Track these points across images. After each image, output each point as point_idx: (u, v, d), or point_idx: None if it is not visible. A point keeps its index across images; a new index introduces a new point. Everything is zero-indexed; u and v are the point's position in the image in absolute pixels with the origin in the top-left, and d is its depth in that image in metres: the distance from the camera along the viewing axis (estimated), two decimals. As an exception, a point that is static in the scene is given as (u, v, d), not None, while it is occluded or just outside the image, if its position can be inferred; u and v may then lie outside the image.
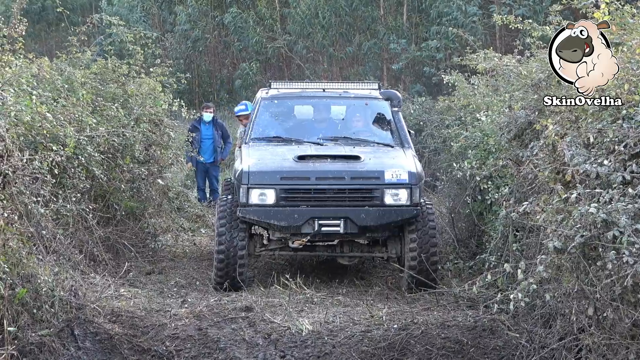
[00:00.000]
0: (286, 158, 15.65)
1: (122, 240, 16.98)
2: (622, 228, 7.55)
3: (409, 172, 15.25)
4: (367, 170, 15.31)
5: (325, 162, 15.55)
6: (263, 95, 17.86)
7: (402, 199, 15.19)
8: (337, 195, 15.15)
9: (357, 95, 18.10)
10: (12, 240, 11.68)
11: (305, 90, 18.61)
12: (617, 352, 8.06)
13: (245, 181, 15.00)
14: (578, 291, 8.39)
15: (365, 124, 17.85)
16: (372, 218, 15.08)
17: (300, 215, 14.96)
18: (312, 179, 15.07)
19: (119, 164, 17.03)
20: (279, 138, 17.06)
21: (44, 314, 12.46)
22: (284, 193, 15.03)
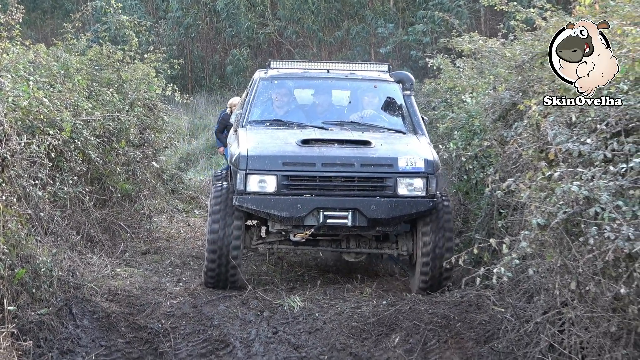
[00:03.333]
0: (289, 142, 13.70)
1: (118, 222, 17.00)
2: (604, 205, 7.57)
3: (425, 159, 13.38)
4: (379, 157, 13.36)
5: (332, 147, 13.59)
6: (261, 76, 15.90)
7: (417, 189, 13.31)
8: (345, 184, 13.22)
9: (364, 78, 16.11)
10: (11, 222, 11.69)
11: (308, 71, 16.50)
12: (599, 325, 8.09)
13: (244, 166, 13.10)
14: (561, 266, 8.42)
15: (374, 108, 15.68)
16: (384, 210, 13.15)
17: (303, 205, 13.06)
18: (318, 165, 13.12)
19: (114, 147, 17.06)
20: (279, 121, 14.97)
21: (43, 294, 12.49)
22: (286, 180, 13.10)
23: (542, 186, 8.46)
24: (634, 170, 7.73)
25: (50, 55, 17.39)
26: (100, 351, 12.07)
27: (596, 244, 7.56)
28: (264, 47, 37.66)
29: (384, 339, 12.55)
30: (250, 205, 13.10)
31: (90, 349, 12.29)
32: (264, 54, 37.81)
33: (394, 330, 12.70)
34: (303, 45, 36.59)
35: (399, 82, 15.70)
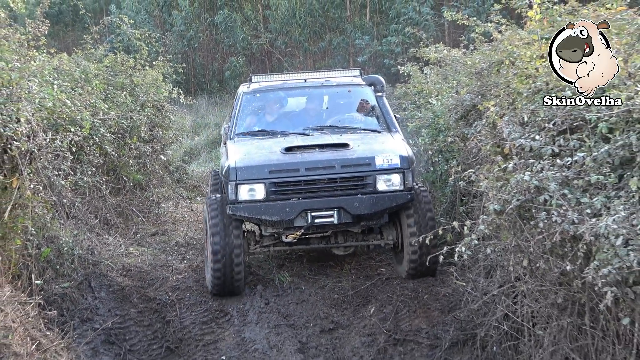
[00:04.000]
0: (273, 151, 13.04)
1: (130, 207, 16.98)
2: (552, 193, 7.58)
3: (400, 156, 12.79)
4: (358, 157, 12.73)
5: (314, 152, 12.95)
6: (244, 90, 15.28)
7: (395, 184, 12.73)
8: (329, 185, 12.59)
9: (339, 83, 15.41)
10: (38, 207, 11.70)
11: (287, 82, 15.68)
12: (547, 297, 8.11)
13: (233, 177, 12.57)
14: (514, 246, 8.43)
15: (350, 111, 15.04)
16: (366, 206, 12.60)
17: (292, 208, 12.49)
18: (302, 170, 12.50)
19: (127, 142, 17.09)
20: (264, 131, 14.32)
21: (66, 269, 12.51)
22: (273, 187, 12.51)
23: (498, 177, 8.47)
24: (578, 163, 7.74)
25: (72, 63, 17.39)
26: (115, 319, 12.07)
27: (545, 227, 7.57)
28: (257, 56, 37.62)
29: (361, 309, 12.58)
30: (243, 213, 12.52)
31: (106, 318, 12.29)
32: (257, 62, 37.78)
33: (370, 301, 12.75)
34: (291, 54, 36.56)
35: (370, 85, 15.19)
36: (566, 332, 7.93)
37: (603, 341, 7.43)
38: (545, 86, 9.13)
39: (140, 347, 11.98)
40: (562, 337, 7.97)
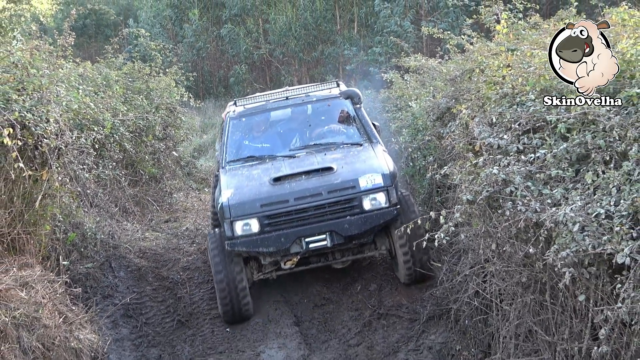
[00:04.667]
0: (263, 182, 12.18)
1: (146, 197, 16.97)
2: (517, 185, 7.57)
3: (383, 174, 11.93)
4: (342, 181, 11.86)
5: (301, 180, 12.05)
6: (230, 115, 14.17)
7: (381, 202, 11.85)
8: (318, 211, 11.76)
9: (319, 98, 14.30)
10: (65, 197, 11.72)
11: (269, 102, 14.44)
12: (513, 276, 8.11)
13: (228, 215, 11.73)
14: (484, 232, 8.43)
15: (332, 123, 13.95)
16: (356, 226, 11.76)
17: (286, 237, 11.68)
18: (291, 201, 11.74)
19: (143, 140, 17.10)
20: (253, 157, 13.24)
21: (89, 252, 12.52)
22: (266, 219, 11.70)
23: (470, 171, 8.46)
24: (540, 159, 7.74)
25: (95, 70, 17.42)
26: (133, 296, 12.10)
27: (511, 215, 7.57)
28: (258, 64, 37.55)
29: (349, 287, 12.62)
30: (240, 248, 11.70)
31: (125, 294, 12.32)
32: (258, 70, 37.72)
33: (357, 280, 12.76)
34: (288, 63, 36.50)
35: (347, 98, 14.05)
36: (529, 307, 7.93)
37: (562, 316, 7.43)
38: (511, 91, 9.12)
39: (154, 320, 12.00)
40: (526, 312, 7.97)
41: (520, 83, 9.08)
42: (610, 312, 6.37)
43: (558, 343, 7.37)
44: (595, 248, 6.53)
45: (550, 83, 8.69)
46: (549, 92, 8.65)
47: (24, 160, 9.65)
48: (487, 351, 9.57)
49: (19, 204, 10.29)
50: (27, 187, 10.32)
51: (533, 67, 9.22)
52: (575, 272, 6.71)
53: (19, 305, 8.98)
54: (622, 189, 6.78)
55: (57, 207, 11.40)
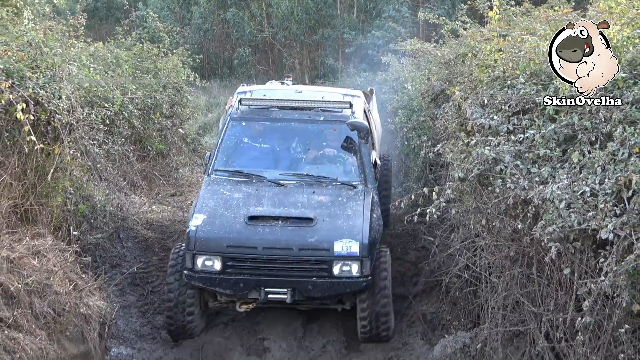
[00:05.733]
0: (237, 216, 10.68)
1: (153, 172, 16.97)
2: (507, 163, 7.59)
3: (361, 243, 10.33)
4: (316, 242, 10.37)
5: (276, 227, 10.53)
6: (232, 114, 12.46)
7: (352, 271, 10.35)
8: (285, 266, 10.39)
9: (326, 118, 12.26)
10: (76, 171, 11.75)
11: (274, 110, 12.43)
12: (502, 250, 8.13)
13: (192, 247, 10.38)
14: (475, 208, 8.45)
15: (330, 156, 12.18)
16: (320, 290, 10.40)
17: (245, 284, 10.38)
18: (260, 249, 10.31)
19: (151, 117, 17.08)
20: (240, 173, 11.70)
21: (99, 223, 12.54)
22: (230, 261, 10.36)
23: (462, 150, 8.46)
24: (529, 139, 7.76)
25: (105, 50, 17.39)
26: (140, 265, 12.13)
27: (501, 192, 7.59)
28: (261, 47, 37.46)
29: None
30: (197, 283, 10.44)
31: (132, 264, 12.35)
32: (261, 52, 37.60)
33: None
34: (290, 46, 36.39)
35: (354, 130, 11.82)
36: (517, 280, 7.96)
37: (548, 288, 7.46)
38: (502, 74, 9.12)
39: (160, 289, 12.03)
40: (514, 284, 7.99)
41: (510, 67, 9.10)
42: (593, 285, 6.42)
43: (544, 314, 7.41)
44: (580, 224, 6.57)
45: (540, 67, 8.70)
46: (539, 75, 8.67)
47: (37, 135, 9.64)
48: (476, 321, 9.62)
49: (32, 177, 10.31)
50: (40, 160, 10.34)
51: (523, 52, 9.23)
52: (561, 247, 6.75)
53: (31, 273, 9.00)
54: (607, 169, 6.81)
55: (68, 180, 11.41)
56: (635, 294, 6.15)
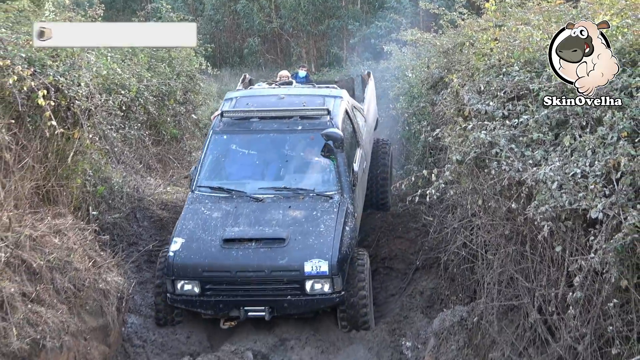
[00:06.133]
0: (214, 239, 10.53)
1: (168, 155, 16.98)
2: (502, 147, 7.59)
3: (330, 264, 10.22)
4: (287, 263, 10.27)
5: (249, 250, 10.38)
6: (215, 126, 12.22)
7: (324, 289, 10.30)
8: (260, 286, 10.32)
9: (304, 128, 11.90)
10: (94, 154, 11.80)
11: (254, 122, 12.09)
12: (497, 229, 8.14)
13: (171, 273, 10.34)
14: (472, 189, 8.45)
15: (307, 166, 11.89)
16: (295, 307, 10.40)
17: (225, 305, 10.38)
18: (233, 272, 10.24)
19: (166, 104, 17.10)
20: (221, 189, 11.46)
21: (116, 203, 12.58)
22: (208, 284, 10.32)
23: (460, 134, 8.46)
24: (523, 124, 7.75)
25: (122, 40, 17.38)
26: (155, 243, 12.13)
27: (496, 173, 7.59)
28: (270, 37, 37.50)
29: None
30: (180, 305, 10.49)
31: (148, 242, 12.39)
32: (270, 42, 37.65)
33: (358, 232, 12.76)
34: (297, 36, 36.43)
35: (328, 140, 11.54)
36: (511, 257, 7.97)
37: (540, 264, 7.47)
38: (498, 62, 9.10)
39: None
40: (508, 261, 8.00)
41: (506, 55, 9.07)
42: (584, 262, 6.44)
43: (537, 289, 7.42)
44: (572, 204, 6.59)
45: (533, 55, 8.68)
46: (532, 63, 8.65)
47: (58, 120, 9.67)
48: (473, 296, 9.64)
49: (53, 160, 10.32)
50: (60, 144, 10.35)
51: (518, 41, 9.21)
52: (553, 226, 6.77)
53: (52, 250, 9.03)
54: (597, 152, 6.81)
55: (87, 163, 11.45)
56: (623, 270, 6.17)
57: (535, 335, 7.50)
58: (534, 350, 7.49)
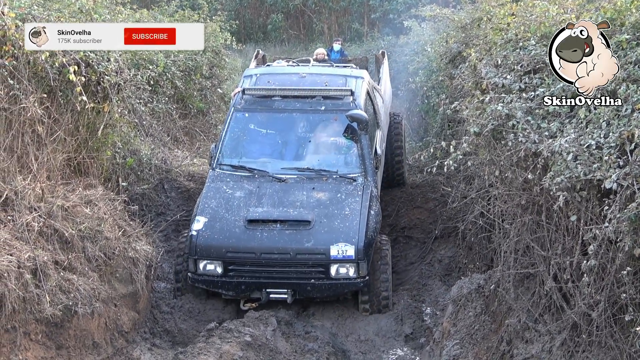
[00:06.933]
0: (237, 218, 10.28)
1: (194, 128, 16.98)
2: (518, 119, 7.55)
3: (357, 247, 9.98)
4: (313, 247, 10.04)
5: (274, 231, 10.14)
6: (236, 104, 11.77)
7: (349, 273, 10.03)
8: (284, 269, 10.09)
9: (327, 108, 11.48)
10: (124, 127, 11.83)
11: (276, 100, 11.63)
12: (513, 199, 8.10)
13: (193, 252, 10.08)
14: (489, 160, 8.41)
15: (330, 147, 11.50)
16: (318, 290, 10.15)
17: (247, 286, 10.12)
18: (258, 254, 10.00)
19: (192, 78, 17.09)
20: (243, 168, 11.12)
21: (145, 175, 12.63)
22: (231, 265, 10.04)
23: (477, 107, 8.42)
24: (539, 97, 7.70)
25: (150, 16, 17.33)
26: (182, 213, 12.17)
27: (513, 145, 7.55)
28: (293, 13, 37.30)
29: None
30: (201, 285, 10.26)
31: (175, 212, 12.44)
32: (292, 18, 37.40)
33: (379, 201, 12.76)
34: (319, 12, 36.23)
35: (353, 122, 11.15)
36: (527, 226, 7.93)
37: (556, 233, 7.44)
38: (515, 37, 9.04)
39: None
40: (525, 230, 7.97)
41: (522, 30, 9.00)
42: (598, 231, 6.41)
43: (552, 257, 7.39)
44: (586, 175, 6.55)
45: (549, 30, 8.60)
46: (548, 37, 8.55)
47: (88, 95, 9.70)
48: (490, 264, 9.65)
49: (83, 133, 10.39)
50: (91, 118, 10.41)
51: (534, 16, 9.15)
52: (568, 196, 6.73)
53: (83, 220, 9.10)
54: (611, 123, 6.76)
55: (117, 136, 11.48)
56: (636, 238, 6.13)
57: (551, 302, 7.48)
58: (549, 317, 7.48)
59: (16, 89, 8.91)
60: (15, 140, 9.05)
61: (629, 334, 6.36)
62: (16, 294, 7.68)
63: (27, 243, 8.23)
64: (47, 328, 8.13)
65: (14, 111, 8.94)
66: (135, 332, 9.52)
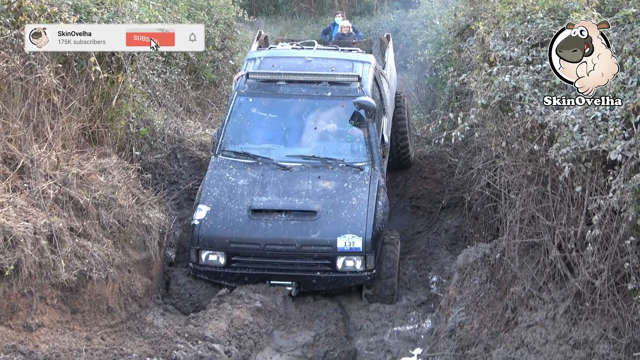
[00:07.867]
0: (241, 209, 9.89)
1: (207, 99, 16.95)
2: (525, 91, 7.53)
3: (364, 240, 9.56)
4: (319, 238, 9.61)
5: (279, 222, 9.74)
6: (240, 88, 11.19)
7: (356, 266, 9.65)
8: (288, 261, 9.67)
9: (334, 94, 10.89)
10: (137, 97, 11.83)
11: (281, 85, 11.09)
12: (520, 170, 8.09)
13: (196, 243, 9.72)
14: (496, 131, 8.40)
15: (337, 135, 10.93)
16: (324, 283, 9.76)
17: (250, 278, 9.71)
18: (262, 245, 9.61)
19: (205, 50, 17.02)
20: (247, 155, 10.63)
21: (158, 144, 12.62)
22: (234, 256, 9.69)
23: (485, 79, 8.39)
24: (546, 69, 7.67)
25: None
26: (194, 182, 12.15)
27: (520, 117, 7.54)
28: (303, -13, 37.25)
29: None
30: (203, 276, 9.91)
31: (188, 181, 12.44)
32: (303, -8, 37.37)
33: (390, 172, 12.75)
34: (328, -10, 36.12)
35: (361, 109, 10.56)
36: (533, 196, 7.93)
37: (561, 204, 7.43)
38: (522, 10, 8.98)
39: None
40: (530, 200, 7.97)
41: (530, 3, 8.93)
42: (602, 201, 6.41)
43: (557, 227, 7.39)
44: (592, 146, 6.56)
45: (557, 3, 8.55)
46: (556, 11, 8.52)
47: (102, 65, 9.72)
48: (496, 234, 9.65)
49: (98, 103, 10.38)
50: (105, 88, 10.40)
51: (542, -10, 9.08)
52: (574, 167, 6.73)
53: (98, 188, 9.12)
54: (617, 96, 6.74)
55: (130, 106, 11.48)
56: (640, 209, 6.14)
57: (555, 271, 7.49)
58: (553, 285, 7.49)
59: (32, 59, 8.91)
60: (31, 109, 9.05)
61: (631, 302, 6.38)
62: (32, 260, 7.73)
63: (43, 210, 8.27)
64: (62, 293, 8.18)
65: (29, 81, 8.94)
66: (148, 298, 9.56)
